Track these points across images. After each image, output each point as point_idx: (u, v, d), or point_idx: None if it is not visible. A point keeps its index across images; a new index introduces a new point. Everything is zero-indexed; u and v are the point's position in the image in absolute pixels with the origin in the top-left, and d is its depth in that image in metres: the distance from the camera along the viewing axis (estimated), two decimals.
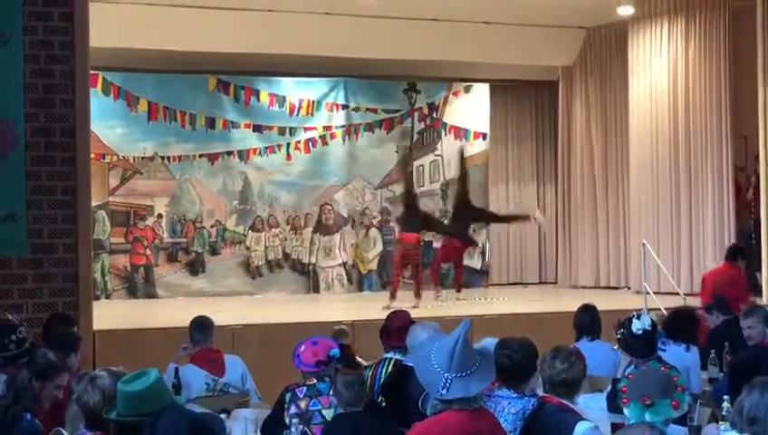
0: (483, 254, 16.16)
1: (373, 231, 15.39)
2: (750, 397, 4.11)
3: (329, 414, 5.55)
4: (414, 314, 6.96)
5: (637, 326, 5.86)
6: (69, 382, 5.32)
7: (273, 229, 14.97)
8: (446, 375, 4.15)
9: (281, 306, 13.29)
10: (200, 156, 14.52)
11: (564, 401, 4.83)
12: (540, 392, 5.10)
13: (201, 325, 7.23)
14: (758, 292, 12.77)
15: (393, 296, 12.39)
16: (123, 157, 14.16)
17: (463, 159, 14.26)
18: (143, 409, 3.98)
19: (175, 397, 4.64)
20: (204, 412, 4.45)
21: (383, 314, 6.87)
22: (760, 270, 12.81)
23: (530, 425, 4.79)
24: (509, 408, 4.87)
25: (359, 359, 7.66)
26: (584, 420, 4.68)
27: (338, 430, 5.26)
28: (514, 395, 4.91)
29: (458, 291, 13.65)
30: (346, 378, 5.32)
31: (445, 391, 4.15)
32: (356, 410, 5.30)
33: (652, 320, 5.92)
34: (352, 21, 13.69)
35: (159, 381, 4.15)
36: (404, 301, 11.68)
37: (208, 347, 7.16)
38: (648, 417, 4.27)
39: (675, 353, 6.52)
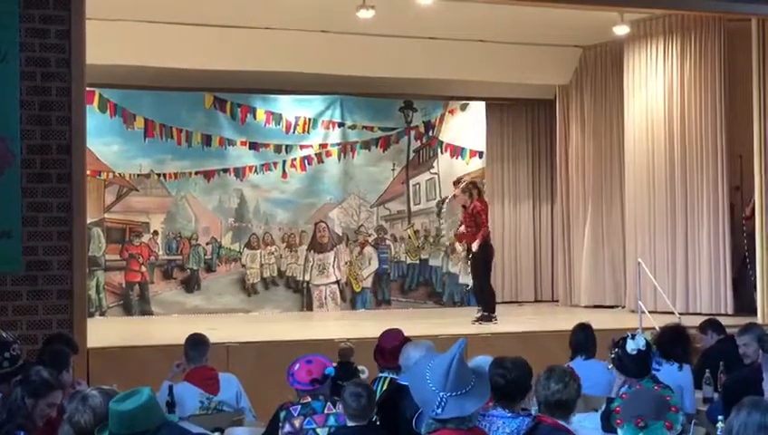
0: None
1: (368, 249, 15.37)
2: (738, 417, 4.10)
3: (323, 433, 5.54)
4: (407, 331, 6.94)
5: (631, 346, 5.86)
6: (62, 400, 5.31)
7: (269, 247, 14.95)
8: (441, 394, 4.15)
9: (275, 324, 13.26)
10: (196, 173, 14.51)
11: (559, 422, 4.82)
12: (533, 411, 5.10)
13: (196, 343, 7.21)
14: (753, 311, 12.79)
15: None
16: (119, 174, 14.15)
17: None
18: (135, 428, 3.98)
19: (168, 415, 4.63)
20: (199, 433, 4.44)
21: (377, 333, 6.86)
22: (755, 288, 12.82)
23: None
24: (503, 428, 4.87)
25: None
26: None
27: None
28: (509, 414, 4.91)
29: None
30: (354, 389, 5.30)
31: (440, 410, 4.15)
32: (361, 425, 5.28)
33: (647, 340, 5.92)
34: (349, 39, 13.72)
35: (152, 400, 4.14)
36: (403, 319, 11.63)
37: (203, 365, 7.15)
38: None
39: (668, 373, 6.51)
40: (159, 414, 4.22)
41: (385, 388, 6.25)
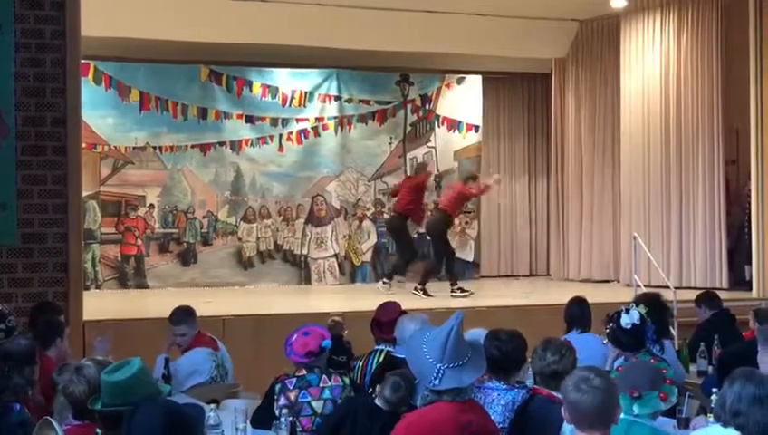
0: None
1: (367, 223, 15.38)
2: (731, 390, 4.12)
3: (318, 406, 5.56)
4: (404, 305, 6.96)
5: (626, 320, 5.87)
6: (49, 371, 5.32)
7: (265, 220, 14.95)
8: (438, 366, 4.17)
9: (272, 297, 13.28)
10: (192, 146, 14.49)
11: (554, 393, 4.84)
12: (528, 383, 5.12)
13: (189, 313, 7.33)
14: (748, 286, 12.82)
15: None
16: (115, 147, 14.12)
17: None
18: (128, 398, 3.99)
19: (163, 385, 4.64)
20: (187, 403, 4.45)
21: (374, 306, 6.88)
22: (750, 263, 12.85)
23: (520, 416, 4.82)
24: (498, 399, 4.90)
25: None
26: None
27: (353, 419, 5.22)
28: (504, 387, 4.94)
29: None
30: (395, 379, 5.20)
31: (437, 382, 4.17)
32: (375, 405, 5.23)
33: (641, 314, 5.92)
34: (346, 12, 13.66)
35: (143, 371, 4.16)
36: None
37: (199, 332, 7.28)
38: (636, 409, 4.29)
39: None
40: (152, 384, 4.23)
41: (381, 360, 6.27)
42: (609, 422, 3.84)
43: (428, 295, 12.47)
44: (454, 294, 12.60)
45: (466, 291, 12.69)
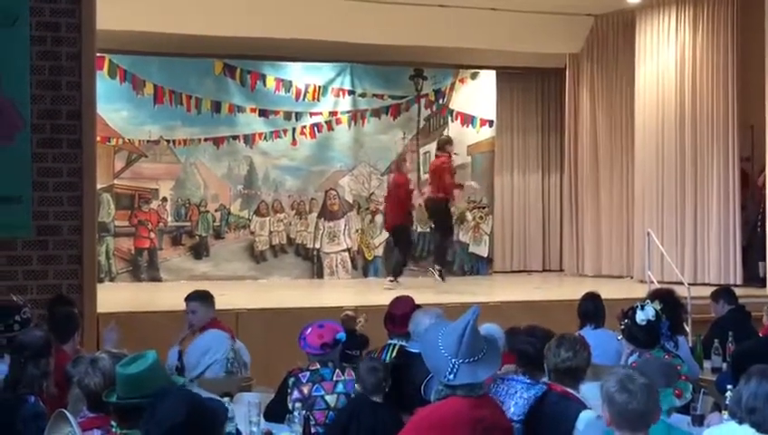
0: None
1: (379, 217, 15.37)
2: (747, 387, 4.11)
3: (331, 400, 5.57)
4: (418, 299, 6.96)
5: (641, 317, 5.85)
6: (64, 364, 5.34)
7: (278, 214, 14.95)
8: (453, 360, 4.17)
9: (284, 291, 13.29)
10: (205, 140, 14.50)
11: (568, 389, 4.84)
12: (544, 380, 5.12)
13: (206, 296, 7.38)
14: (762, 282, 12.78)
15: None
16: (129, 140, 14.15)
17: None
18: (143, 391, 3.99)
19: (177, 377, 4.65)
20: (209, 397, 4.45)
21: (387, 300, 6.87)
22: (764, 259, 12.81)
23: (534, 412, 4.81)
24: (522, 392, 4.89)
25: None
26: (588, 408, 4.69)
27: (357, 418, 5.26)
28: (528, 381, 4.93)
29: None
30: (369, 363, 5.35)
31: (452, 377, 4.17)
32: (376, 402, 5.30)
33: (656, 310, 5.90)
34: (360, 6, 13.64)
35: (157, 363, 4.16)
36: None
37: (216, 319, 7.32)
38: None
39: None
40: (166, 377, 4.24)
41: (394, 355, 6.26)
42: (651, 423, 3.82)
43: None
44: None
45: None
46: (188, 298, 7.35)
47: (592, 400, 4.84)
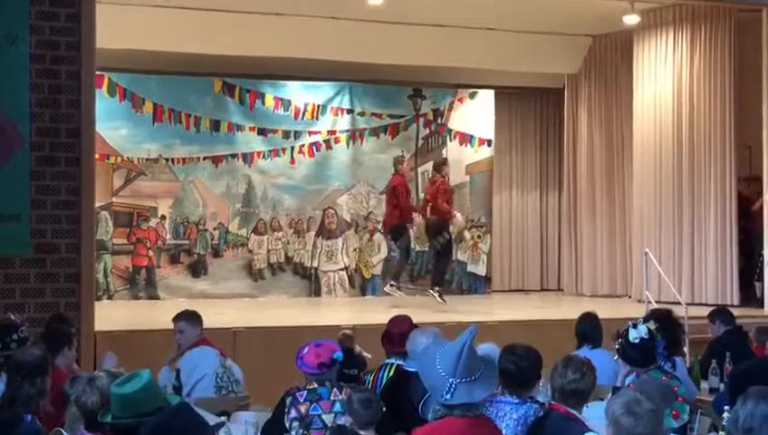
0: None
1: (378, 236, 15.37)
2: (744, 407, 4.09)
3: (329, 419, 5.55)
4: (416, 318, 6.95)
5: (633, 335, 5.81)
6: (61, 383, 5.33)
7: (276, 233, 14.96)
8: (450, 380, 4.17)
9: (282, 310, 13.28)
10: (204, 158, 14.51)
11: (571, 411, 4.82)
12: (540, 398, 5.11)
13: (194, 316, 7.38)
14: (759, 303, 12.78)
15: None
16: (127, 158, 14.16)
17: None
18: (138, 410, 3.99)
19: (172, 396, 4.65)
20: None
21: (385, 319, 6.87)
22: (761, 280, 12.82)
23: (535, 431, 4.80)
24: (511, 413, 4.89)
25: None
26: (591, 431, 4.67)
27: None
28: (516, 401, 4.92)
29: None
30: (362, 395, 5.21)
31: (449, 396, 4.16)
32: None
33: (650, 329, 5.88)
34: (358, 25, 13.70)
35: (152, 382, 4.16)
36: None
37: (204, 338, 7.32)
38: None
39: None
40: (161, 396, 4.23)
41: (392, 374, 6.26)
42: None
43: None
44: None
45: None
46: (176, 318, 7.38)
47: (591, 420, 4.84)
